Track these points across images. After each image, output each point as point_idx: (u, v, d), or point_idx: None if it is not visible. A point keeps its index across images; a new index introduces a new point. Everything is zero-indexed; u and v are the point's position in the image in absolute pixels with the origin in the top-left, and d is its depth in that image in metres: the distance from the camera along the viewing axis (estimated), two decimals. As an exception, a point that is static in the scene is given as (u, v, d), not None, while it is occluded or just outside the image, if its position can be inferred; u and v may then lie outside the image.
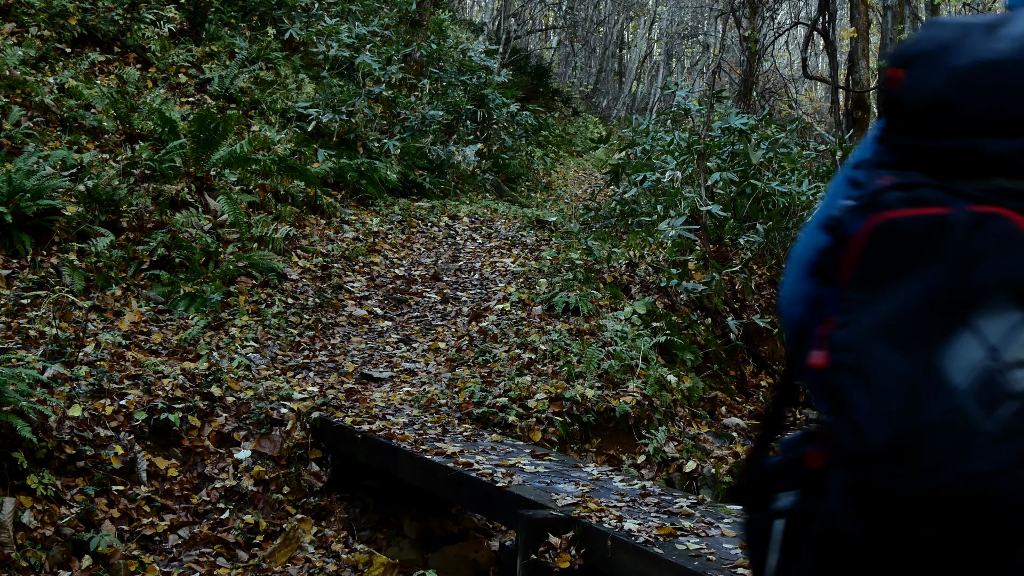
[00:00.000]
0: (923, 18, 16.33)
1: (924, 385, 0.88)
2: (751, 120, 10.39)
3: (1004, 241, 0.89)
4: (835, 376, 0.94)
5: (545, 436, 5.93)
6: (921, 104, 0.97)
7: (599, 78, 35.81)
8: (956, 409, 0.87)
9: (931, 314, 0.90)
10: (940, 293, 0.90)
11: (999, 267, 0.88)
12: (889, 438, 0.89)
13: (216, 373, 5.69)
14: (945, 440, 0.87)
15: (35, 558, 4.01)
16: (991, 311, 0.88)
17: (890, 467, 0.89)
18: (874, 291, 0.93)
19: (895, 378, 0.89)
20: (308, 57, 12.71)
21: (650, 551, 3.18)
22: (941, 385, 0.88)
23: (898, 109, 1.00)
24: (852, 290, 0.95)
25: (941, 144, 0.95)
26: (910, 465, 0.88)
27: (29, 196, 6.46)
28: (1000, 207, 0.90)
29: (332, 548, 4.79)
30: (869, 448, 0.90)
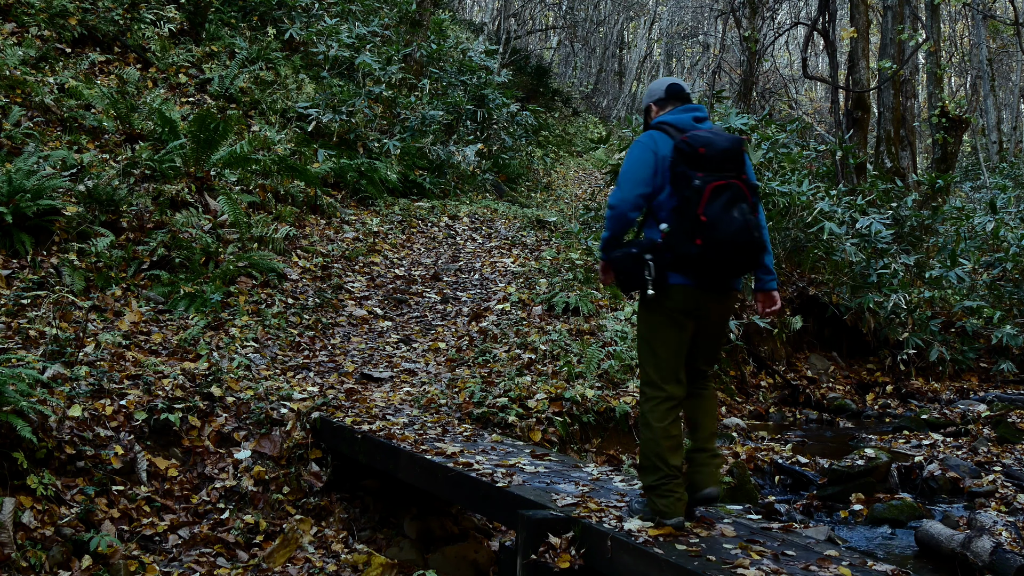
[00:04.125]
0: (923, 18, 16.32)
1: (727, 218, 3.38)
2: (751, 120, 10.39)
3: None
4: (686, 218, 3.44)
5: (545, 436, 5.93)
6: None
7: (599, 78, 35.80)
8: (736, 219, 3.37)
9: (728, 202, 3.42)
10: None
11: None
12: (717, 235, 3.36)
13: (216, 373, 5.69)
14: (731, 230, 3.33)
15: (35, 558, 4.01)
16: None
17: (716, 238, 3.35)
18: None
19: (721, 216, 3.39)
20: (308, 57, 12.71)
21: (650, 551, 3.18)
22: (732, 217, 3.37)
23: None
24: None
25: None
26: (720, 235, 3.36)
27: (29, 196, 6.46)
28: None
29: (332, 548, 4.79)
30: (713, 236, 3.35)
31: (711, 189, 3.32)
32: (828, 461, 6.85)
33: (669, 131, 3.51)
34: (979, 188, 19.85)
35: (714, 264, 3.36)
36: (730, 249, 3.33)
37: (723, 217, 3.31)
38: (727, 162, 3.39)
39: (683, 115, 3.56)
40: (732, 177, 3.39)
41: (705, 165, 3.36)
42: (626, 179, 3.47)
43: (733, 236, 3.31)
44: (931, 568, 5.11)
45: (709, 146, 3.37)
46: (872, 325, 10.31)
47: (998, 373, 10.24)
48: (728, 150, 3.39)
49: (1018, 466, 6.95)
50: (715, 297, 3.49)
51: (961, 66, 29.52)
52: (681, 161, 3.40)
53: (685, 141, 3.41)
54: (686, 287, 3.43)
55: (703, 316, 3.49)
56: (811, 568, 3.09)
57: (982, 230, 11.43)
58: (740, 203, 3.36)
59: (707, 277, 3.42)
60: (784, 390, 9.76)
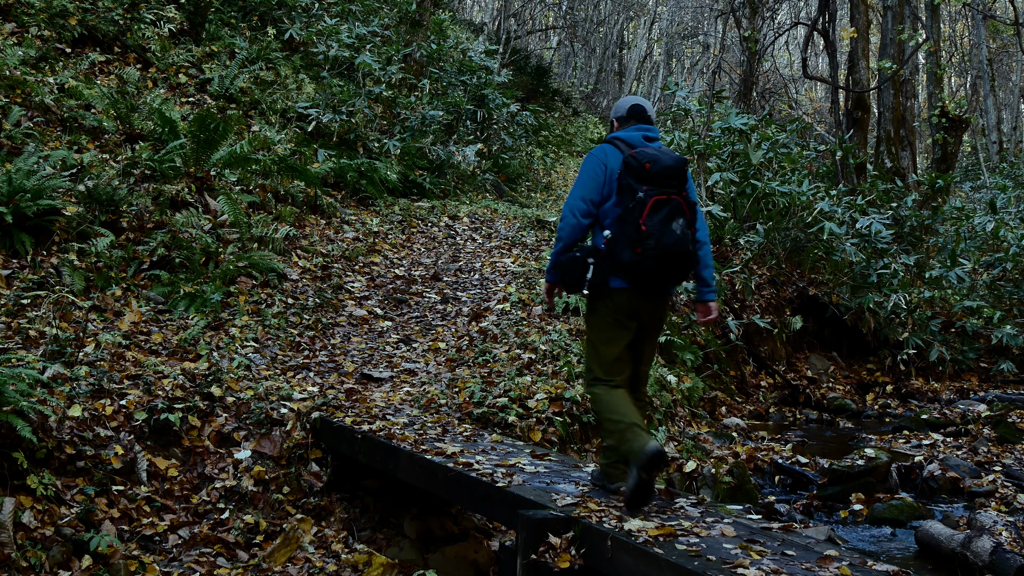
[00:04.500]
0: (923, 18, 16.33)
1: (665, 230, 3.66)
2: (751, 120, 10.39)
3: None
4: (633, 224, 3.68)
5: (545, 436, 5.93)
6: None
7: (599, 78, 35.79)
8: (673, 232, 3.64)
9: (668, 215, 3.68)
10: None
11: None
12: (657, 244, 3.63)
13: (216, 373, 5.69)
14: (668, 242, 3.61)
15: (35, 558, 4.01)
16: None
17: (653, 248, 3.61)
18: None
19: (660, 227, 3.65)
20: (308, 57, 12.71)
21: (650, 551, 3.18)
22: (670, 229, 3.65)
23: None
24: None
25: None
26: (658, 246, 3.62)
27: (29, 196, 6.46)
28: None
29: (332, 548, 4.79)
30: (651, 245, 3.63)
31: (653, 202, 3.62)
32: (828, 461, 6.85)
33: (620, 146, 3.82)
34: (979, 188, 19.85)
35: (650, 271, 3.65)
36: (666, 259, 3.63)
37: (662, 229, 3.62)
38: (670, 179, 3.68)
39: (635, 133, 3.87)
40: (673, 193, 3.69)
41: (649, 180, 3.65)
42: (578, 188, 3.78)
43: (670, 247, 3.62)
44: (931, 568, 5.11)
45: (654, 162, 3.67)
46: (872, 325, 10.32)
47: (998, 373, 10.24)
48: (672, 167, 3.69)
49: (1018, 466, 6.95)
50: (650, 300, 3.78)
51: (961, 66, 29.52)
52: (628, 174, 3.70)
53: (633, 156, 3.71)
54: (625, 290, 3.72)
55: (642, 317, 3.79)
56: (811, 568, 3.09)
57: (982, 230, 11.43)
58: (679, 217, 3.67)
59: (643, 282, 3.71)
60: (784, 390, 9.77)
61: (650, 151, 3.72)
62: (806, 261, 10.82)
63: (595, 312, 3.82)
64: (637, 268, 3.64)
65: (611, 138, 3.89)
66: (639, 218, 3.61)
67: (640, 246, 3.60)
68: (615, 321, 3.76)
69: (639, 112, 3.94)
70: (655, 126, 3.96)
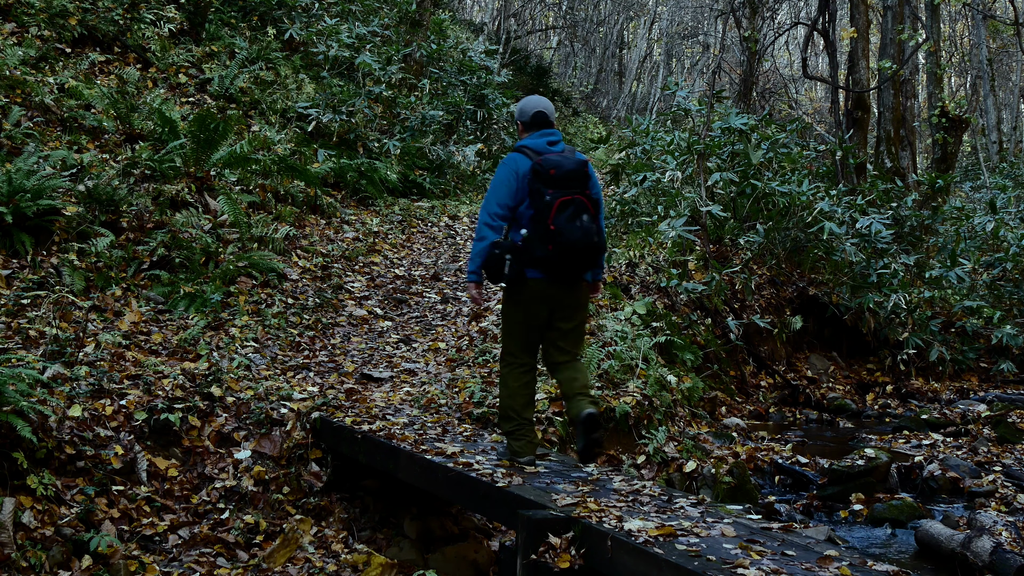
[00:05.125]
0: (923, 18, 16.33)
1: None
2: (751, 120, 10.39)
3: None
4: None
5: (545, 436, 5.93)
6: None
7: (599, 78, 35.79)
8: (579, 228, 4.18)
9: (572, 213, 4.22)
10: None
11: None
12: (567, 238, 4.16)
13: (216, 373, 5.69)
14: (574, 237, 4.15)
15: (35, 558, 4.01)
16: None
17: (562, 243, 4.17)
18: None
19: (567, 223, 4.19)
20: (308, 57, 12.70)
21: (650, 551, 3.18)
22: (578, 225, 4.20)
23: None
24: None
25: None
26: (566, 241, 4.16)
27: (29, 196, 6.46)
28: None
29: (332, 548, 4.80)
30: (560, 241, 4.17)
31: (559, 203, 4.17)
32: (828, 461, 6.85)
33: (528, 153, 4.33)
34: (979, 188, 19.85)
35: (561, 263, 4.23)
36: (573, 252, 4.20)
37: (568, 226, 4.17)
38: (572, 181, 4.22)
39: (540, 140, 4.38)
40: (576, 193, 4.22)
41: (554, 184, 4.19)
42: (493, 195, 4.30)
43: (576, 242, 4.18)
44: (931, 568, 5.11)
45: (558, 168, 4.21)
46: (872, 325, 10.31)
47: (998, 373, 10.24)
48: (573, 171, 4.24)
49: (1018, 466, 6.95)
50: (564, 288, 4.34)
51: (961, 66, 29.52)
52: (536, 180, 4.22)
53: (539, 163, 4.23)
54: (540, 280, 4.28)
55: (556, 302, 4.35)
56: (811, 568, 3.09)
57: (982, 230, 11.43)
58: (583, 214, 4.22)
59: (556, 273, 4.27)
60: (784, 390, 9.77)
61: (554, 157, 4.26)
62: (806, 261, 10.82)
63: (512, 300, 4.37)
64: (549, 261, 4.21)
65: (519, 146, 4.38)
66: (548, 218, 4.16)
67: (551, 243, 4.16)
68: (528, 306, 4.32)
69: (542, 119, 4.42)
70: (556, 129, 4.45)
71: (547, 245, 4.16)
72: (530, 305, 4.31)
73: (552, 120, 4.43)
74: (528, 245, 4.23)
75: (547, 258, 4.19)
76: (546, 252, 4.18)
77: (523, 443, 4.40)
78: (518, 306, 4.36)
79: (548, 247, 4.16)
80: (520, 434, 4.41)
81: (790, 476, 6.70)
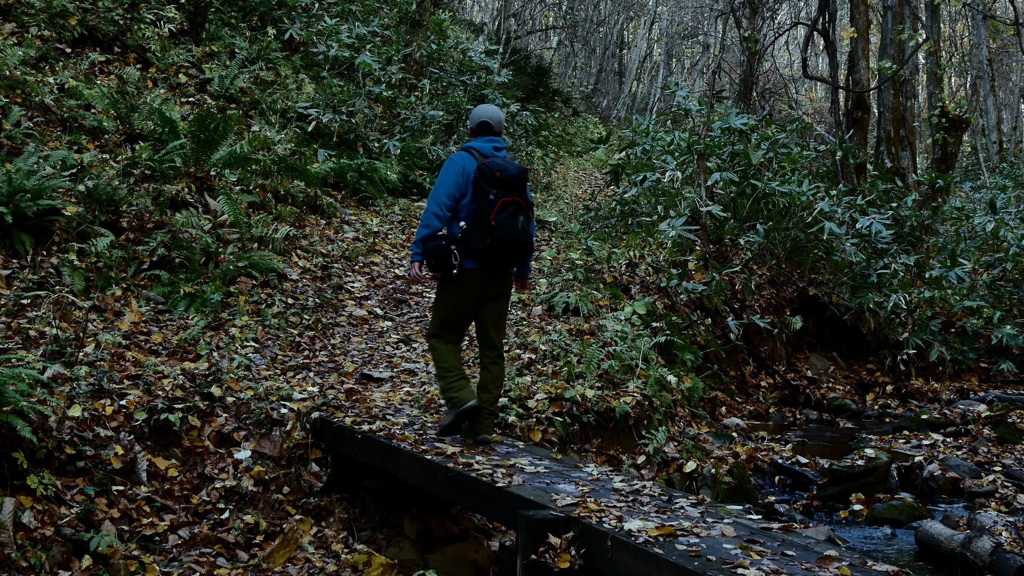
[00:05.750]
0: (923, 18, 16.33)
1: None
2: (751, 120, 10.39)
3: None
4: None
5: (545, 436, 5.93)
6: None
7: (599, 78, 35.79)
8: (515, 227, 4.63)
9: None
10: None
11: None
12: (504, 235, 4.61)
13: (216, 373, 5.69)
14: (511, 235, 4.62)
15: (35, 558, 4.01)
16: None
17: (500, 238, 4.59)
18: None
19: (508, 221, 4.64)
20: (308, 57, 12.70)
21: (650, 551, 3.18)
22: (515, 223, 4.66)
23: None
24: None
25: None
26: (503, 237, 4.60)
27: (29, 196, 6.45)
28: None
29: (332, 548, 4.80)
30: (498, 237, 4.60)
31: (501, 203, 4.61)
32: (828, 461, 6.85)
33: (475, 154, 4.76)
34: (979, 188, 19.85)
35: (496, 256, 4.65)
36: (509, 247, 4.64)
37: (507, 224, 4.61)
38: (514, 185, 4.68)
39: (486, 144, 4.82)
40: (516, 196, 4.68)
41: (499, 185, 4.63)
42: (442, 187, 4.68)
43: (513, 239, 4.63)
44: (931, 568, 5.11)
45: (503, 171, 4.66)
46: (872, 325, 10.32)
47: (998, 373, 10.24)
48: (515, 176, 4.70)
49: (1018, 466, 6.95)
50: (495, 278, 4.79)
51: (961, 66, 29.52)
52: (481, 179, 4.65)
53: (486, 165, 4.67)
54: (476, 270, 4.70)
55: (487, 291, 4.78)
56: (811, 568, 3.09)
57: (982, 230, 11.43)
58: (520, 215, 4.68)
59: (490, 264, 4.69)
60: (784, 390, 9.77)
61: (499, 162, 4.70)
62: (806, 261, 10.82)
63: (448, 286, 4.79)
64: (487, 253, 4.63)
65: (467, 147, 4.81)
66: (490, 215, 4.58)
67: (490, 237, 4.59)
68: (463, 294, 4.76)
69: (487, 127, 4.88)
70: (501, 137, 4.92)
71: (485, 238, 4.60)
72: (464, 292, 4.75)
73: (497, 129, 4.88)
74: (467, 237, 4.65)
75: (484, 250, 4.62)
76: (484, 245, 4.61)
77: (460, 392, 4.80)
78: (453, 293, 4.78)
79: (486, 240, 4.60)
80: (458, 385, 4.82)
81: (790, 476, 6.71)
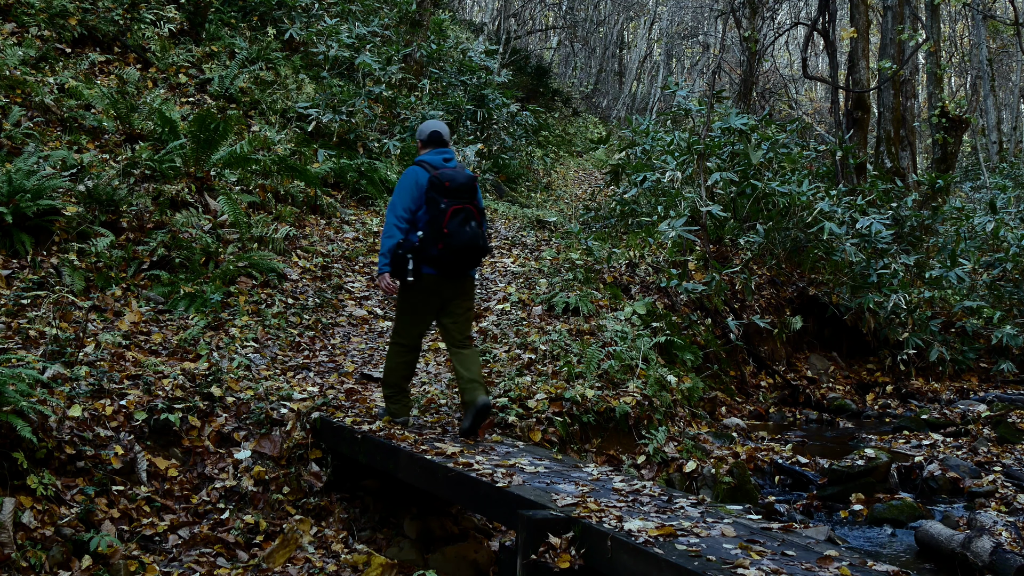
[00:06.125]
0: (923, 18, 16.33)
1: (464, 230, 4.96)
2: (751, 120, 10.39)
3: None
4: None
5: (545, 436, 5.93)
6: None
7: (599, 78, 35.79)
8: (467, 232, 4.94)
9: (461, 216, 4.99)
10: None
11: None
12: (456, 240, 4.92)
13: (216, 373, 5.69)
14: (463, 240, 4.91)
15: (35, 558, 4.01)
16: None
17: (453, 244, 4.90)
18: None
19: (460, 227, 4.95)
20: (308, 57, 12.70)
21: (650, 551, 3.18)
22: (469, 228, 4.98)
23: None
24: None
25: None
26: (456, 242, 4.91)
27: (29, 196, 6.45)
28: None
29: (332, 548, 4.80)
30: (451, 243, 4.90)
31: (452, 211, 4.93)
32: (828, 461, 6.85)
33: (426, 167, 5.06)
34: (979, 188, 19.85)
35: (451, 261, 4.97)
36: (462, 251, 4.95)
37: (458, 230, 4.92)
38: (463, 193, 5.00)
39: (436, 156, 5.13)
40: (466, 203, 5.00)
41: (449, 194, 4.95)
42: (399, 201, 5.01)
43: (465, 243, 4.93)
44: (931, 568, 5.11)
45: (452, 181, 4.98)
46: (872, 325, 10.31)
47: (998, 373, 10.24)
48: (465, 184, 5.02)
49: (1018, 466, 6.95)
50: (453, 282, 5.10)
51: (961, 66, 29.52)
52: (432, 190, 4.97)
53: (436, 176, 4.99)
54: (433, 275, 5.02)
55: (447, 294, 5.10)
56: (811, 568, 3.09)
57: (982, 230, 11.43)
58: (471, 221, 5.00)
59: (447, 269, 5.02)
60: (784, 390, 9.77)
61: (448, 172, 5.02)
62: (806, 261, 10.82)
63: (408, 292, 5.09)
64: (441, 259, 4.95)
65: (418, 161, 5.11)
66: (442, 223, 4.90)
67: (443, 243, 4.90)
68: (422, 297, 5.07)
69: (437, 138, 5.19)
70: (450, 148, 5.23)
71: (438, 244, 4.92)
72: (424, 296, 5.07)
73: (446, 141, 5.22)
74: (423, 245, 4.96)
75: (439, 256, 4.93)
76: (438, 251, 4.93)
77: (399, 406, 5.24)
78: (413, 297, 5.09)
79: (439, 246, 4.92)
80: (397, 399, 5.23)
81: (790, 476, 6.71)
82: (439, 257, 4.92)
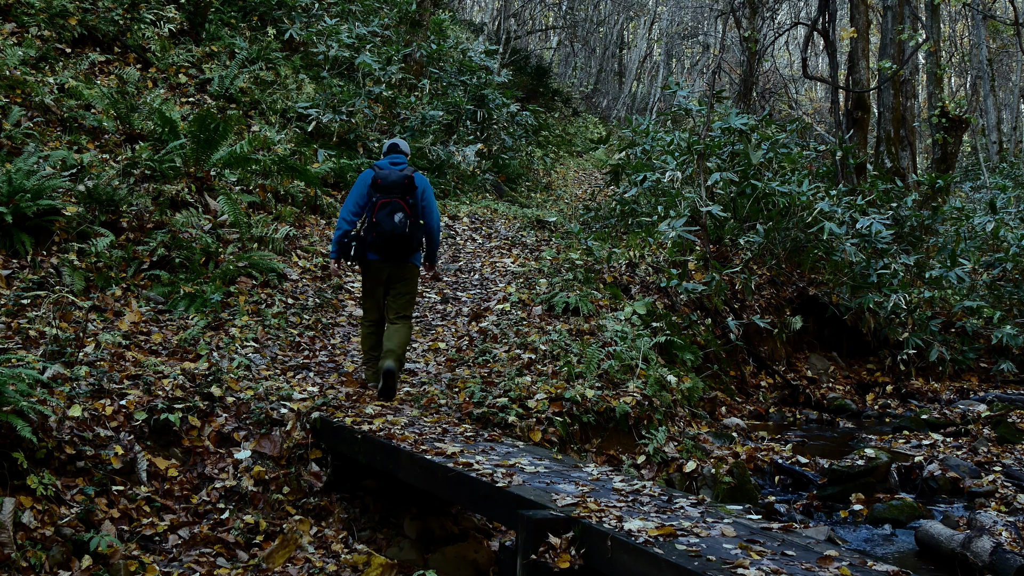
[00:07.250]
0: (923, 18, 16.33)
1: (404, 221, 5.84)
2: (751, 120, 10.39)
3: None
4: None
5: (545, 436, 5.93)
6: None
7: (599, 78, 35.80)
8: (393, 221, 5.79)
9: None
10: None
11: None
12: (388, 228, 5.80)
13: (216, 373, 5.69)
14: (388, 228, 5.80)
15: (35, 558, 4.01)
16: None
17: (380, 231, 5.78)
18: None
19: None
20: (308, 57, 12.70)
21: (650, 551, 3.18)
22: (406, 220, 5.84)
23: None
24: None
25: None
26: (382, 231, 5.79)
27: (29, 196, 6.45)
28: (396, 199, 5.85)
29: (332, 548, 4.79)
30: (378, 230, 5.79)
31: (380, 203, 5.79)
32: (828, 461, 6.85)
33: (375, 169, 5.94)
34: (979, 188, 19.85)
35: (382, 247, 5.80)
36: (387, 237, 5.76)
37: (385, 219, 5.75)
38: (394, 188, 5.81)
39: (385, 161, 6.05)
40: (396, 197, 5.79)
41: (380, 190, 5.82)
42: (350, 200, 5.91)
43: (390, 232, 5.75)
44: (931, 568, 5.11)
45: (384, 179, 5.84)
46: (872, 325, 10.31)
47: (998, 373, 10.24)
48: (396, 182, 5.82)
49: (1018, 466, 6.95)
50: (392, 265, 5.91)
51: (961, 66, 29.52)
52: (371, 187, 5.87)
53: (376, 176, 5.87)
54: (375, 260, 5.91)
55: (388, 276, 5.95)
56: (811, 568, 3.09)
57: (982, 230, 11.43)
58: (398, 212, 5.76)
59: (385, 254, 5.86)
60: (784, 390, 9.76)
61: (385, 172, 5.86)
62: (806, 261, 10.82)
63: (362, 275, 6.04)
64: (375, 245, 5.79)
65: (373, 165, 5.98)
66: (373, 214, 5.78)
67: (373, 231, 5.77)
68: (371, 280, 5.97)
69: (393, 148, 6.10)
70: (405, 157, 6.08)
71: (372, 233, 5.77)
72: (371, 277, 5.96)
73: (403, 151, 6.07)
74: (364, 234, 5.84)
75: (373, 243, 5.78)
76: (372, 238, 5.77)
77: (370, 372, 6.10)
78: (365, 279, 6.02)
79: (373, 234, 5.76)
80: (368, 366, 6.13)
81: (790, 476, 6.71)
82: (374, 243, 5.78)
